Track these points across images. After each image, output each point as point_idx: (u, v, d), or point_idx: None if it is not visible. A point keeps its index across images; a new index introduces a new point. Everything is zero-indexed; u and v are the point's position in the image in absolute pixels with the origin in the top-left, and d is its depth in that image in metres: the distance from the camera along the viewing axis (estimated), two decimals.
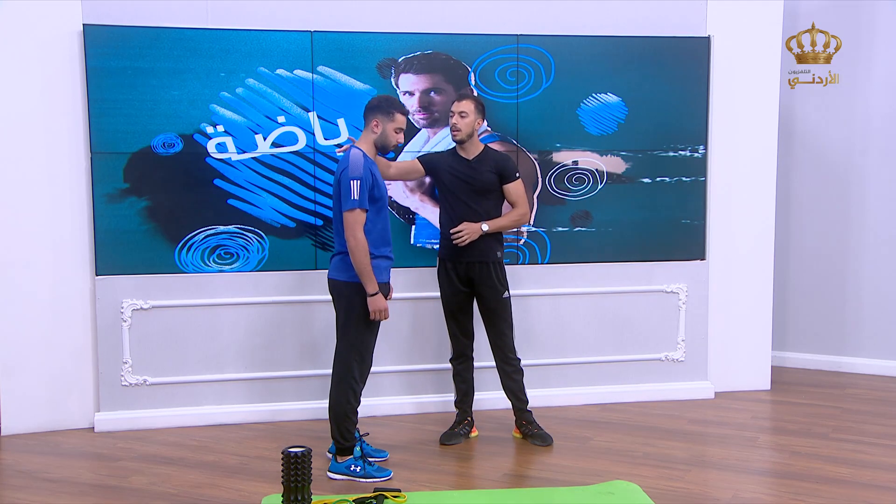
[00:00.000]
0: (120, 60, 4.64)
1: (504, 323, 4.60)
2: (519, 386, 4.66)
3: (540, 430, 4.63)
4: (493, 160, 4.54)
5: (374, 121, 4.10)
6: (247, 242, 4.88)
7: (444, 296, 4.64)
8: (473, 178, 4.49)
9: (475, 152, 4.54)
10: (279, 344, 4.96)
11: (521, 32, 5.04)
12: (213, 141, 4.79)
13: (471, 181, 4.49)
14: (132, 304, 4.78)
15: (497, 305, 4.57)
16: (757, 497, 3.94)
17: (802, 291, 6.11)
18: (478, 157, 4.53)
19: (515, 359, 4.65)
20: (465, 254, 4.50)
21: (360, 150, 4.07)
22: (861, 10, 5.84)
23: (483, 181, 4.50)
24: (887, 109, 5.84)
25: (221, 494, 3.95)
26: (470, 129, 4.48)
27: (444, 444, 4.58)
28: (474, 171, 4.50)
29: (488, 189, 4.52)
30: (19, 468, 4.28)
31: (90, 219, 4.74)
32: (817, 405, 5.30)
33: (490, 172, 4.50)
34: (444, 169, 4.55)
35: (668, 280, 5.31)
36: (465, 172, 4.50)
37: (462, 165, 4.52)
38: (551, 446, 4.55)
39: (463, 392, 4.72)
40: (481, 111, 4.53)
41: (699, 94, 5.25)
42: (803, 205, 6.07)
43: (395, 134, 4.14)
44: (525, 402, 4.69)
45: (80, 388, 4.83)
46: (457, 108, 4.48)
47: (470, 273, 4.53)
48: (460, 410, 4.73)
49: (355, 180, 3.95)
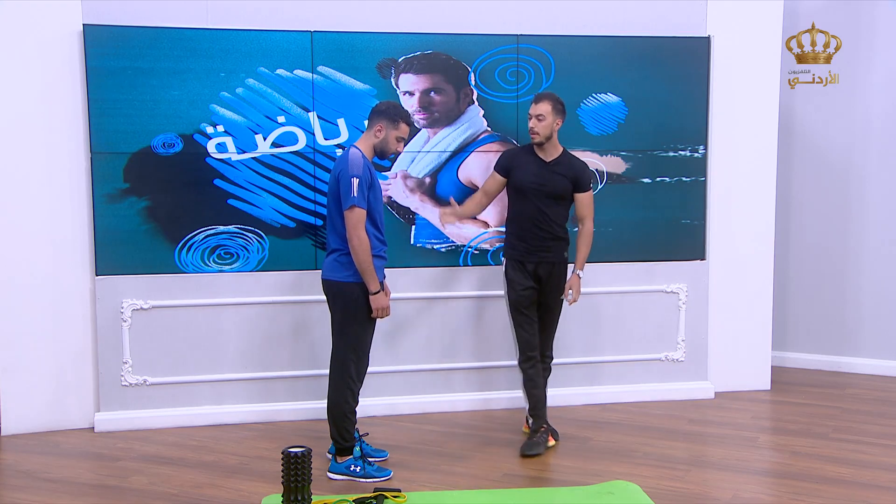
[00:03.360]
0: (120, 60, 4.64)
1: (555, 323, 4.62)
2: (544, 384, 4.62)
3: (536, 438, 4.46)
4: (570, 166, 4.46)
5: (379, 125, 4.10)
6: (247, 242, 4.88)
7: (513, 294, 4.53)
8: (548, 182, 4.41)
9: (554, 155, 4.46)
10: (279, 344, 4.96)
11: (521, 32, 5.04)
12: (213, 141, 4.79)
13: (545, 185, 4.41)
14: (132, 304, 4.78)
15: (555, 305, 4.56)
16: (757, 497, 3.94)
17: (802, 291, 6.11)
18: (556, 160, 4.45)
19: (549, 357, 4.66)
20: (535, 254, 4.46)
21: (359, 150, 4.07)
22: (861, 10, 5.84)
23: (557, 186, 4.42)
24: (887, 109, 5.84)
25: (221, 494, 3.95)
26: (548, 132, 4.39)
27: (525, 456, 4.37)
28: (550, 175, 4.42)
29: (561, 195, 4.45)
30: (19, 468, 4.28)
31: (90, 219, 4.74)
32: (817, 405, 5.30)
33: (565, 178, 4.43)
34: (520, 168, 4.45)
35: (668, 280, 5.31)
36: (540, 175, 4.42)
37: (539, 167, 4.44)
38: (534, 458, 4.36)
39: (536, 399, 4.52)
40: (560, 111, 4.42)
41: (699, 94, 5.25)
42: (803, 205, 6.07)
43: (395, 142, 4.13)
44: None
45: (80, 388, 4.83)
46: (534, 111, 4.39)
47: (539, 271, 4.48)
48: (536, 419, 4.53)
49: (355, 178, 3.96)
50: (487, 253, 5.12)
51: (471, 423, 4.93)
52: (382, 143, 4.12)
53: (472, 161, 5.06)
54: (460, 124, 5.02)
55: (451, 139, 5.02)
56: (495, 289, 5.14)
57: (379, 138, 4.11)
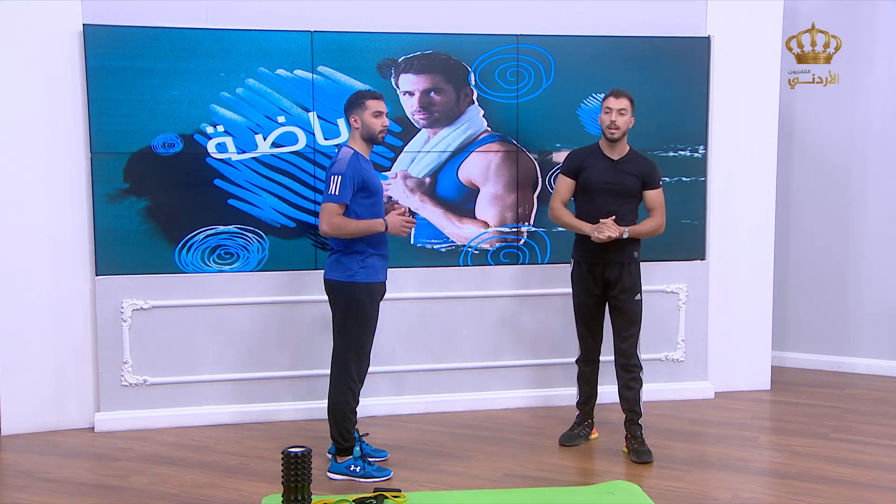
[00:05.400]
0: (120, 60, 4.64)
1: (633, 326, 4.43)
2: (635, 396, 4.44)
3: (642, 446, 4.39)
4: (638, 164, 4.42)
5: (352, 117, 4.10)
6: (247, 242, 4.88)
7: (576, 297, 4.53)
8: (616, 181, 4.37)
9: (622, 153, 4.42)
10: (279, 344, 4.96)
11: (521, 32, 5.04)
12: (213, 141, 4.79)
13: (613, 184, 4.37)
14: (132, 304, 4.78)
15: (628, 307, 4.42)
16: (757, 497, 3.94)
17: (802, 291, 6.11)
18: (624, 158, 4.41)
19: (637, 366, 4.44)
20: (601, 255, 4.39)
21: (351, 149, 4.07)
22: (861, 10, 5.84)
23: (625, 184, 4.38)
24: (887, 109, 5.84)
25: (221, 494, 3.95)
26: (627, 128, 4.36)
27: (563, 446, 4.53)
28: (618, 174, 4.38)
29: (630, 194, 4.40)
30: (19, 468, 4.28)
31: (90, 219, 4.74)
32: (817, 405, 5.30)
33: (633, 177, 4.39)
34: (588, 168, 4.41)
35: (668, 280, 5.31)
36: (608, 174, 4.38)
37: (606, 166, 4.40)
38: (649, 464, 4.29)
39: (587, 395, 4.62)
40: (633, 110, 4.40)
41: (699, 94, 5.25)
42: (803, 205, 6.07)
43: (374, 119, 4.08)
44: (638, 415, 4.45)
45: (80, 388, 4.83)
46: (615, 104, 4.32)
47: (606, 274, 4.41)
48: (581, 412, 4.65)
49: (336, 175, 3.98)
50: (487, 253, 5.12)
51: (471, 423, 4.93)
52: (365, 130, 4.09)
53: (472, 161, 5.06)
54: (460, 124, 5.02)
55: (451, 139, 5.02)
56: (495, 289, 5.15)
57: (359, 128, 4.09)
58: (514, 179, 5.10)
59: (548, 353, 5.24)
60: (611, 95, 4.35)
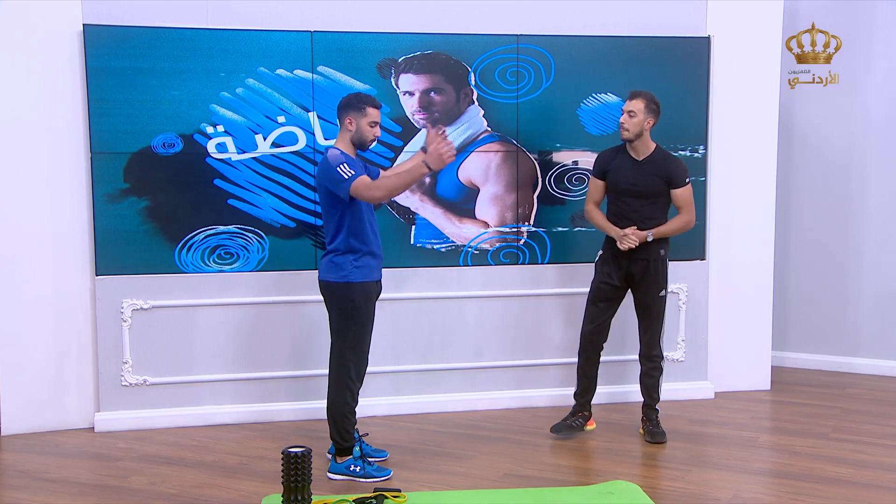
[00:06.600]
0: (120, 60, 4.64)
1: (656, 320, 4.59)
2: (654, 383, 4.66)
3: (656, 428, 4.61)
4: (661, 164, 4.44)
5: (348, 119, 4.07)
6: (247, 242, 4.88)
7: (594, 281, 4.61)
8: (639, 181, 4.41)
9: (645, 153, 4.45)
10: (279, 344, 4.96)
11: (521, 32, 5.04)
12: (213, 141, 4.79)
13: (636, 184, 4.41)
14: (132, 304, 4.78)
15: (653, 302, 4.56)
16: (757, 497, 3.94)
17: (802, 291, 6.11)
18: (647, 158, 4.44)
19: (658, 356, 4.64)
20: (629, 251, 4.46)
21: (338, 149, 4.05)
22: (861, 10, 5.84)
23: (648, 185, 4.41)
24: (887, 109, 5.84)
25: (221, 494, 3.95)
26: (638, 129, 4.38)
27: (555, 435, 4.59)
28: (641, 174, 4.42)
29: (655, 194, 4.43)
30: (19, 468, 4.28)
31: (90, 219, 4.74)
32: (817, 405, 5.30)
33: (657, 177, 4.42)
34: (614, 169, 4.47)
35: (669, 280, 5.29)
36: (631, 175, 4.42)
37: (630, 166, 4.44)
38: (662, 445, 4.54)
39: (583, 386, 4.69)
40: (654, 110, 4.41)
41: (699, 94, 5.25)
42: (803, 205, 6.07)
43: (369, 128, 4.07)
44: (655, 401, 4.68)
45: (80, 388, 4.83)
46: (626, 106, 4.40)
47: (632, 268, 4.50)
48: (577, 403, 4.70)
49: (340, 164, 3.93)
50: (487, 253, 5.13)
51: (471, 423, 4.93)
52: (357, 135, 4.07)
53: (473, 161, 5.06)
54: (460, 124, 5.02)
55: (452, 139, 5.01)
56: (495, 289, 5.15)
57: (352, 131, 4.07)
58: (514, 179, 5.10)
59: (548, 353, 5.24)
60: (627, 97, 4.45)
